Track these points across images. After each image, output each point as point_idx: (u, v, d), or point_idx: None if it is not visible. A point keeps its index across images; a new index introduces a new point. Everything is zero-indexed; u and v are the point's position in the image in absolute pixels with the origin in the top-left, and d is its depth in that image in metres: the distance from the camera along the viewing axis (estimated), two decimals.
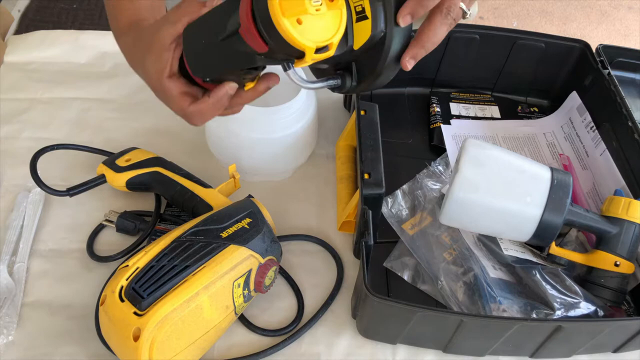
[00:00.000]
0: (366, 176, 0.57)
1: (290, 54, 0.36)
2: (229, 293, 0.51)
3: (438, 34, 0.40)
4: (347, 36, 0.38)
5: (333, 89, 0.42)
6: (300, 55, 0.36)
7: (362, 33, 0.38)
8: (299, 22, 0.34)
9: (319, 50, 0.36)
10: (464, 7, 0.41)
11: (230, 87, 0.45)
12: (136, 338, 0.46)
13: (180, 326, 0.47)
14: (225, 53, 0.41)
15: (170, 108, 0.49)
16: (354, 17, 0.38)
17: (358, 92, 0.44)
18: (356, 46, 0.39)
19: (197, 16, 0.44)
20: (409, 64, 0.40)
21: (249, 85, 0.46)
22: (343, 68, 0.42)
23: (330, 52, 0.36)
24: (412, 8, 0.39)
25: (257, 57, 0.38)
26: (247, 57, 0.39)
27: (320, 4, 0.34)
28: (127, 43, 0.52)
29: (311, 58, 0.36)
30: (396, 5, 0.38)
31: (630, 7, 2.29)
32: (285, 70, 0.38)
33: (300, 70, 0.42)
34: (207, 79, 0.47)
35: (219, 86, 0.46)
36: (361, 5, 0.38)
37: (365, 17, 0.38)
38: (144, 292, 0.47)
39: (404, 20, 0.39)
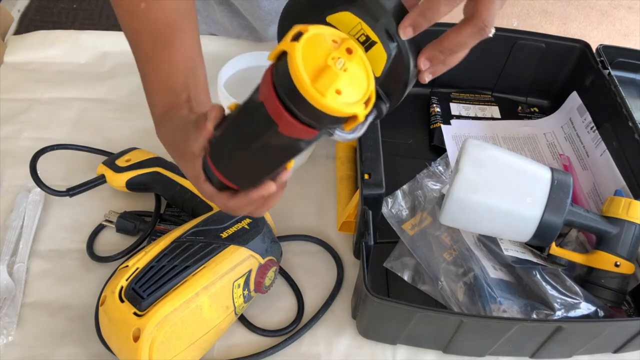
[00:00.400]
0: (366, 176, 0.57)
1: (339, 123, 0.34)
2: (229, 293, 0.51)
3: (462, 42, 0.39)
4: None
5: (376, 118, 0.41)
6: (349, 119, 0.34)
7: (378, 58, 0.37)
8: (338, 92, 0.32)
9: (366, 104, 0.34)
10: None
11: (267, 190, 0.41)
12: (136, 338, 0.46)
13: (180, 326, 0.47)
14: (264, 156, 0.38)
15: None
16: (361, 47, 0.37)
17: (392, 109, 0.43)
18: (378, 73, 0.38)
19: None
20: (423, 64, 0.39)
21: (290, 165, 0.42)
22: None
23: (373, 99, 0.34)
24: (413, 19, 0.37)
25: (302, 143, 0.36)
26: (290, 149, 0.36)
27: (343, 62, 0.32)
28: (164, 137, 0.49)
29: (364, 116, 0.34)
30: (397, 19, 0.38)
31: (630, 7, 2.29)
32: (331, 135, 0.36)
33: None
34: (244, 187, 0.43)
35: (256, 190, 0.42)
36: (363, 33, 0.37)
37: (374, 43, 0.37)
38: (144, 292, 0.47)
39: (404, 33, 0.37)
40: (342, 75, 0.31)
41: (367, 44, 0.37)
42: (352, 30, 0.36)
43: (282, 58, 0.32)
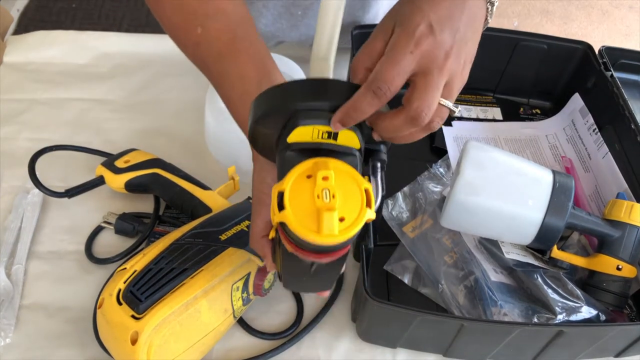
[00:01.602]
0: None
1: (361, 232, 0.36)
2: (227, 296, 0.51)
3: (395, 128, 0.38)
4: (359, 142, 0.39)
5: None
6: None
7: (349, 137, 0.38)
8: (342, 220, 0.34)
9: (369, 204, 0.35)
10: (448, 104, 0.38)
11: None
12: (134, 341, 0.45)
13: (178, 329, 0.47)
14: (322, 275, 0.42)
15: None
16: (332, 140, 0.38)
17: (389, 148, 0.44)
18: (358, 145, 0.39)
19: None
20: (333, 125, 0.37)
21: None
22: (370, 142, 0.41)
23: (371, 194, 0.36)
24: (340, 117, 0.36)
25: (345, 257, 0.38)
26: (340, 262, 0.39)
27: (328, 191, 0.34)
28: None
29: (374, 214, 0.35)
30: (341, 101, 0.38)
31: (631, 7, 2.29)
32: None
33: None
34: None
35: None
36: (324, 131, 0.38)
37: (336, 132, 0.38)
38: (142, 295, 0.47)
39: (334, 127, 0.37)
40: (334, 206, 0.34)
41: (333, 135, 0.38)
42: (314, 135, 0.38)
43: (283, 224, 0.35)
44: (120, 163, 0.63)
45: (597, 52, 0.74)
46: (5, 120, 0.72)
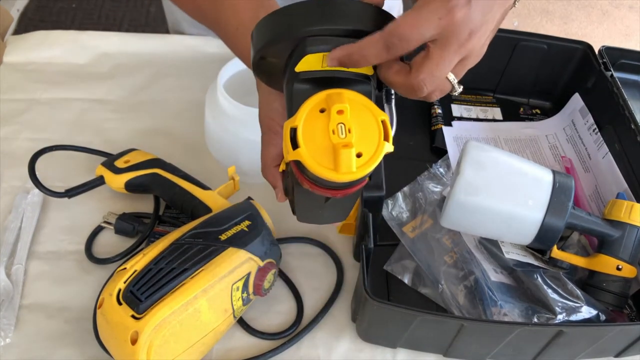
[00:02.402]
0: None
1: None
2: (227, 296, 0.51)
3: (391, 82, 0.36)
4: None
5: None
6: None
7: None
8: (359, 155, 0.33)
9: (386, 138, 0.34)
10: (454, 82, 0.37)
11: None
12: (134, 341, 0.45)
13: (178, 329, 0.47)
14: (339, 205, 0.41)
15: None
16: (343, 67, 0.37)
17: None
18: (371, 72, 0.38)
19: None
20: (329, 60, 0.35)
21: None
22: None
23: (388, 125, 0.35)
24: (341, 56, 0.35)
25: (362, 189, 0.38)
26: (355, 195, 0.39)
27: (343, 125, 0.33)
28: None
29: (391, 145, 0.35)
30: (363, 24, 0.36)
31: (631, 7, 2.29)
32: None
33: None
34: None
35: None
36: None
37: None
38: (142, 295, 0.47)
39: (329, 63, 0.35)
40: (351, 142, 0.33)
41: None
42: (324, 63, 0.36)
43: (298, 162, 0.33)
44: (120, 163, 0.63)
45: (597, 52, 0.74)
46: (5, 120, 0.72)
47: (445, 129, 0.75)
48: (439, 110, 0.77)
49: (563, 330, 0.49)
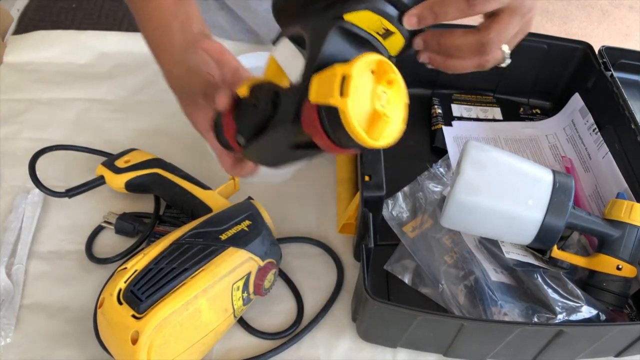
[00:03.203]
0: (367, 178, 0.56)
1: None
2: (227, 296, 0.51)
3: (459, 46, 0.40)
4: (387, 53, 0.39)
5: None
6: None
7: (396, 43, 0.39)
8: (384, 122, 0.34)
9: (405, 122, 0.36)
10: (507, 52, 0.41)
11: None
12: (134, 341, 0.45)
13: (178, 329, 0.47)
14: (296, 156, 0.41)
15: None
16: (381, 39, 0.39)
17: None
18: (395, 53, 0.40)
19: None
20: (407, 19, 0.38)
21: None
22: None
23: (406, 114, 0.36)
24: (420, 11, 0.38)
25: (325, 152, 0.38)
26: (313, 152, 0.38)
27: (386, 96, 0.34)
28: (174, 86, 0.53)
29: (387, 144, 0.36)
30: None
31: (631, 7, 2.29)
32: None
33: None
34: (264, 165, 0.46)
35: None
36: (383, 27, 0.38)
37: (392, 32, 0.39)
38: (142, 294, 0.47)
39: (408, 22, 0.38)
40: (388, 113, 0.33)
41: (387, 34, 0.38)
42: (373, 26, 0.37)
43: (331, 109, 0.33)
44: (120, 163, 0.63)
45: (597, 52, 0.74)
46: (5, 120, 0.72)
47: (445, 128, 0.75)
48: (439, 110, 0.77)
49: (563, 330, 0.49)
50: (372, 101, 0.33)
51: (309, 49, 0.36)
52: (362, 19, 0.36)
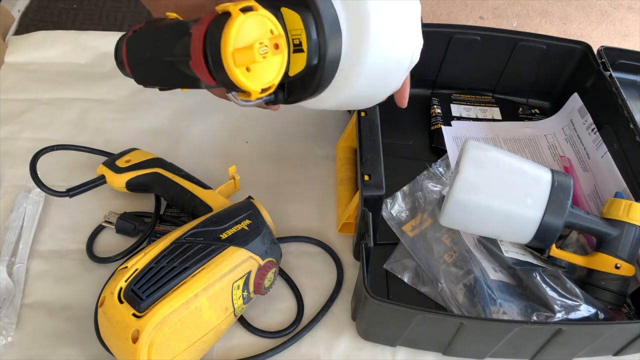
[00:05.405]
0: (366, 178, 0.56)
1: (236, 89, 0.39)
2: (228, 295, 0.51)
3: None
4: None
5: (267, 102, 0.46)
6: (245, 92, 0.39)
7: (298, 63, 0.41)
8: (248, 69, 0.37)
9: (263, 90, 0.39)
10: None
11: None
12: (135, 340, 0.45)
13: (179, 328, 0.47)
14: (171, 72, 0.43)
15: None
16: (292, 47, 0.41)
17: (288, 103, 0.48)
18: (291, 73, 0.42)
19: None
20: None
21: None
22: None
23: (272, 90, 0.39)
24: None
25: (201, 83, 0.41)
26: (192, 81, 0.41)
27: (267, 51, 0.37)
28: None
29: (256, 98, 0.39)
30: (331, 42, 0.41)
31: (630, 7, 2.29)
32: (227, 92, 0.43)
33: None
34: (139, 81, 0.49)
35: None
36: (299, 38, 0.40)
37: (302, 51, 0.41)
38: (143, 293, 0.47)
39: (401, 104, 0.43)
40: (258, 59, 0.37)
41: (297, 48, 0.40)
42: (293, 31, 0.40)
43: (224, 17, 0.36)
44: (121, 162, 0.63)
45: (595, 52, 0.74)
46: (6, 120, 0.72)
47: (444, 128, 0.75)
48: (439, 110, 0.77)
49: (562, 328, 0.50)
50: (255, 40, 0.36)
51: None
52: (291, 19, 0.39)
